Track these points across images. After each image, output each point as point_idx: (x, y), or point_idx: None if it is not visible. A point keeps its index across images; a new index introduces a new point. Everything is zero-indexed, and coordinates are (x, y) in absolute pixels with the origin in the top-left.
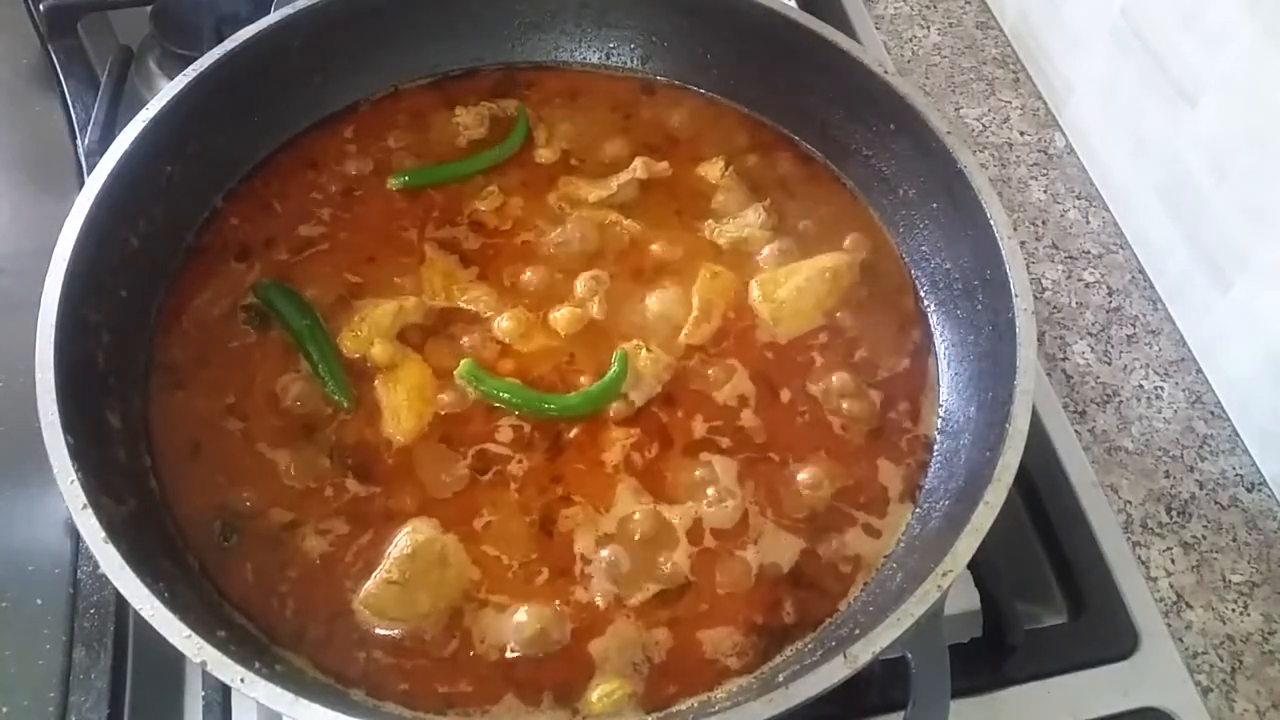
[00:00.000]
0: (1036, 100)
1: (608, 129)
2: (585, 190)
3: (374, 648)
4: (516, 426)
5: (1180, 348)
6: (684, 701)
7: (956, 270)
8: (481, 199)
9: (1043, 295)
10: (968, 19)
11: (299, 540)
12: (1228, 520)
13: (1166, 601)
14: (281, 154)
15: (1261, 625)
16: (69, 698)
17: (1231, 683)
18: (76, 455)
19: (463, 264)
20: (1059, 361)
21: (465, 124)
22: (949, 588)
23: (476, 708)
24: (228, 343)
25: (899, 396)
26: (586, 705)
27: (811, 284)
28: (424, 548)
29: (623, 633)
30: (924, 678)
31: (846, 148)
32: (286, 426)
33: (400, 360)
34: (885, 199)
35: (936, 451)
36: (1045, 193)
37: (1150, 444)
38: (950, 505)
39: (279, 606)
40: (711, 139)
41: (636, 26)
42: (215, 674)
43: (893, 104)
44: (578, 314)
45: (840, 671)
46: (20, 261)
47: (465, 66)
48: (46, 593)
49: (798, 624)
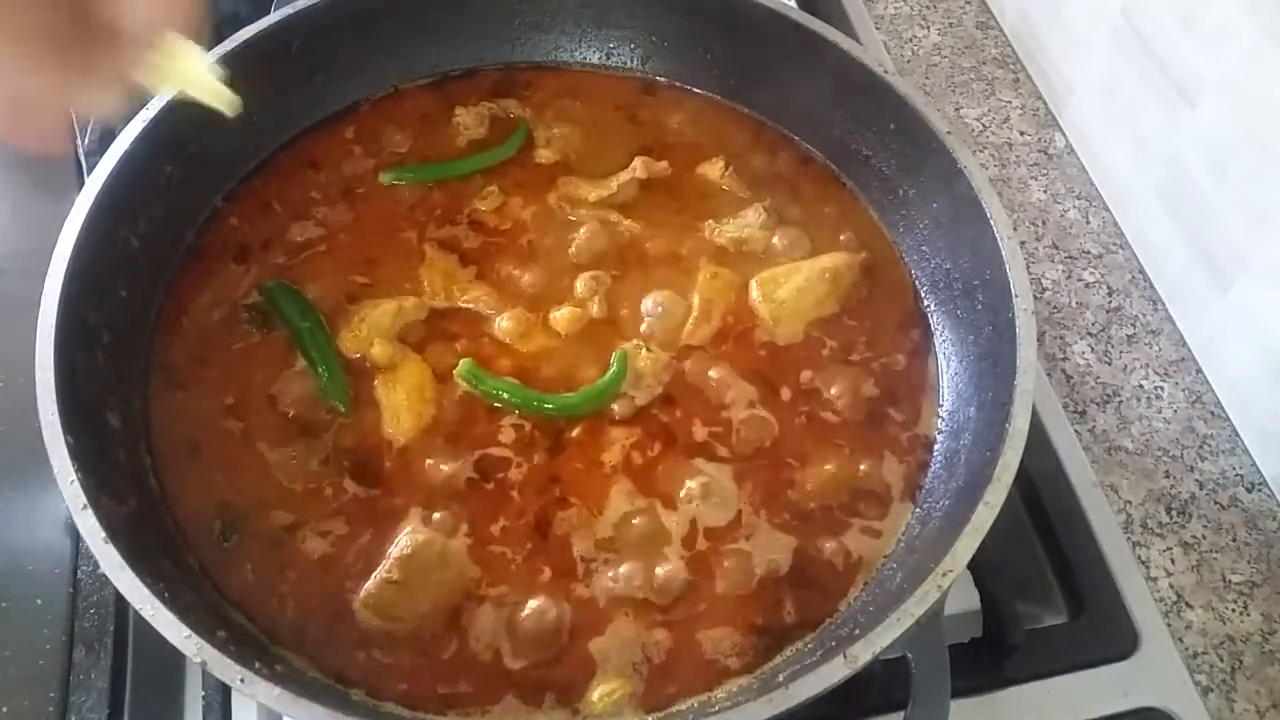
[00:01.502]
0: (1036, 100)
1: (608, 129)
2: (585, 190)
3: (374, 648)
4: (516, 426)
5: (1180, 348)
6: (684, 701)
7: (956, 270)
8: (481, 199)
9: (1043, 295)
10: (968, 19)
11: (299, 540)
12: (1228, 520)
13: (1166, 601)
14: (281, 154)
15: (1261, 625)
16: (69, 698)
17: (1231, 683)
18: (76, 455)
19: (463, 264)
20: (1059, 361)
21: (465, 124)
22: (949, 588)
23: (477, 708)
24: (228, 343)
25: (899, 396)
26: (587, 705)
27: (811, 284)
28: (424, 548)
29: (623, 633)
30: (924, 678)
31: (846, 148)
32: (286, 427)
33: (400, 360)
34: (885, 199)
35: (936, 451)
36: (1045, 193)
37: (1150, 444)
38: (950, 505)
39: (279, 606)
40: (711, 139)
41: (637, 26)
42: (215, 674)
43: (893, 104)
44: (578, 314)
45: (840, 671)
46: (20, 261)
47: (465, 67)
48: (46, 593)
49: (798, 624)
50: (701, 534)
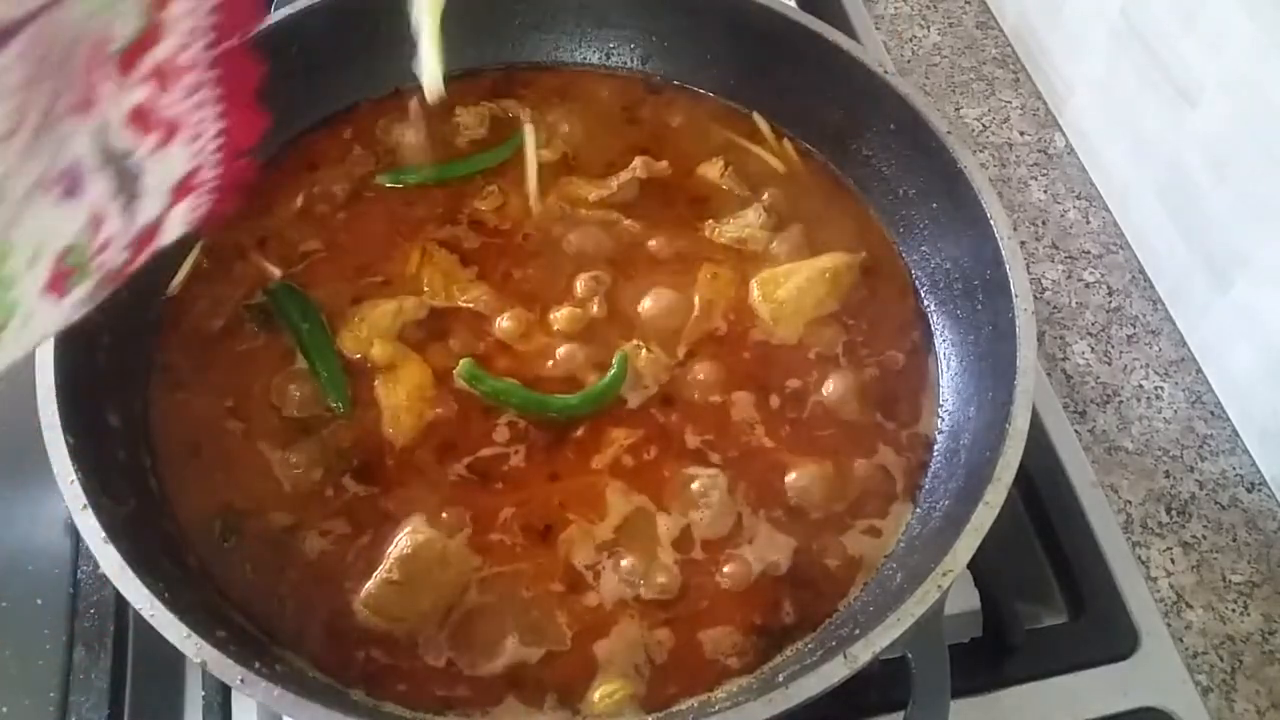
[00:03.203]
0: (1036, 100)
1: (608, 129)
2: (585, 190)
3: (374, 648)
4: (516, 426)
5: (1180, 348)
6: (684, 701)
7: (956, 270)
8: (481, 199)
9: (1043, 295)
10: (968, 19)
11: (299, 541)
12: (1228, 520)
13: (1166, 601)
14: (282, 154)
15: (1261, 625)
16: (69, 698)
17: (1231, 683)
18: (76, 455)
19: (463, 264)
20: (1059, 361)
21: (465, 124)
22: (949, 587)
23: (477, 709)
24: (228, 343)
25: (899, 396)
26: (588, 706)
27: (812, 284)
28: (424, 548)
29: (625, 634)
30: (924, 677)
31: (846, 148)
32: (287, 427)
33: (400, 360)
34: (885, 199)
35: (937, 451)
36: (1045, 193)
37: (1150, 444)
38: (950, 505)
39: (279, 606)
40: (712, 138)
41: (637, 27)
42: (215, 674)
43: (893, 104)
44: (578, 314)
45: (840, 671)
46: None
47: (466, 67)
48: (46, 593)
49: (798, 624)
50: (702, 534)
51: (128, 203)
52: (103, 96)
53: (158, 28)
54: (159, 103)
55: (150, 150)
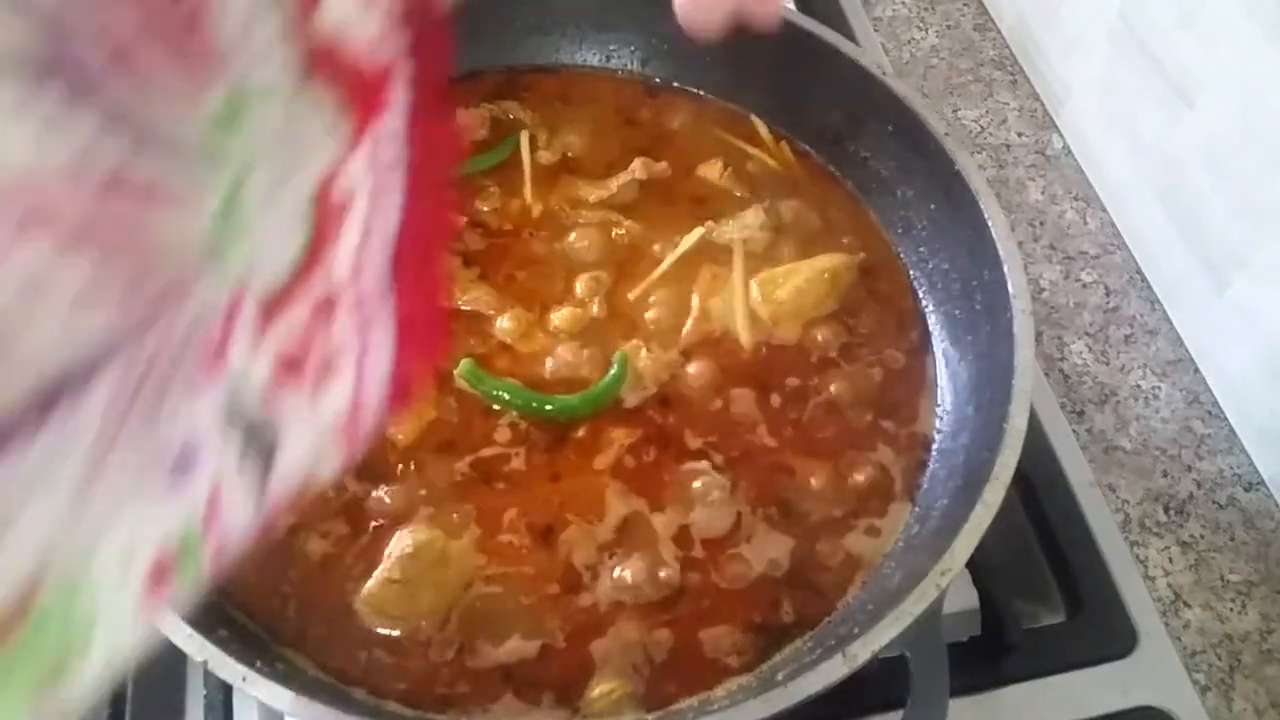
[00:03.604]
0: (1034, 102)
1: (608, 130)
2: (585, 191)
3: (375, 647)
4: (516, 426)
5: (1178, 348)
6: (683, 700)
7: (954, 271)
8: (482, 199)
9: (1040, 296)
10: (966, 21)
11: (301, 541)
12: (1225, 520)
13: (1164, 601)
14: None
15: (1259, 624)
16: None
17: (1230, 682)
18: None
19: (463, 264)
20: (1057, 361)
21: (467, 126)
22: (947, 586)
23: (477, 706)
24: None
25: (897, 396)
26: (587, 704)
27: (811, 285)
28: (425, 547)
29: (624, 633)
30: (922, 676)
31: (845, 149)
32: None
33: None
34: (884, 200)
35: (935, 451)
36: (1043, 194)
37: (1148, 444)
38: (949, 504)
39: (280, 606)
40: (711, 140)
41: (637, 29)
42: (217, 673)
43: (891, 105)
44: (578, 314)
45: (839, 670)
46: None
47: (466, 69)
48: None
49: (796, 623)
50: (702, 533)
51: (259, 461)
52: (233, 357)
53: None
54: (314, 342)
55: (299, 399)
